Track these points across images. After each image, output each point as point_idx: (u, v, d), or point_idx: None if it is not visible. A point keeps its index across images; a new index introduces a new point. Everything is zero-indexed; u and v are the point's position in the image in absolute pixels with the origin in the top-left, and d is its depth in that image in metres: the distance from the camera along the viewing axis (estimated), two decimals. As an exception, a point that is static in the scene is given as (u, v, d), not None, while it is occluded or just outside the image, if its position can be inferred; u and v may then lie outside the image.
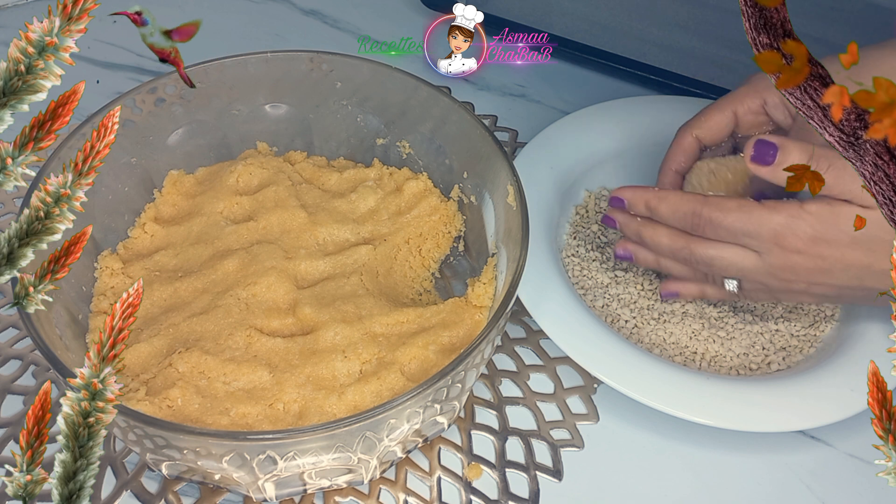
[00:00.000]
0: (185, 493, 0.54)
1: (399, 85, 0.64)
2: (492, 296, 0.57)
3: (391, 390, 0.53)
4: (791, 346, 0.62)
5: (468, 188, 0.63)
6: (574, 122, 0.72)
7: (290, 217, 0.62)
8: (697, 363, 0.61)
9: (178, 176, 0.65)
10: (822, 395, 0.57)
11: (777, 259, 0.54)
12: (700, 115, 0.62)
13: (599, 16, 0.88)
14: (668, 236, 0.58)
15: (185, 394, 0.52)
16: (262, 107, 0.66)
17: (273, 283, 0.57)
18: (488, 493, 0.55)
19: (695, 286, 0.60)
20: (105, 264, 0.59)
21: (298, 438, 0.45)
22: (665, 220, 0.58)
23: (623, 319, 0.63)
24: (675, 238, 0.58)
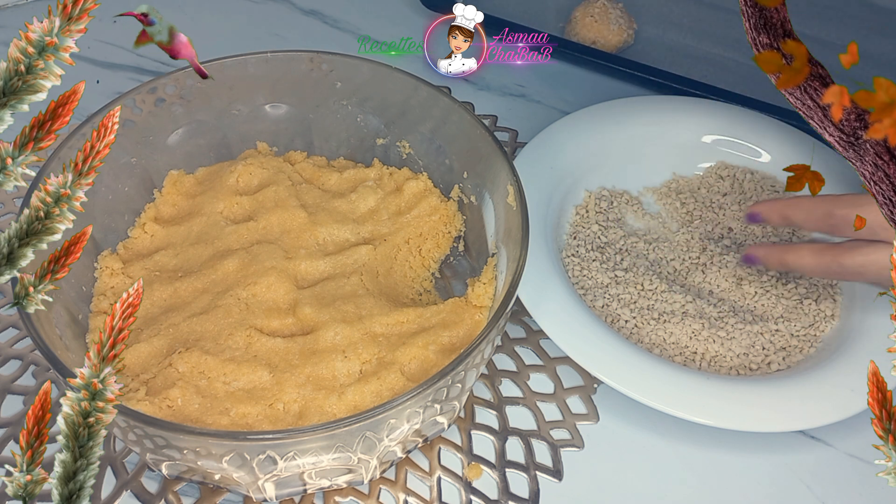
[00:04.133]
0: (185, 493, 0.54)
1: (399, 85, 0.64)
2: (492, 296, 0.57)
3: (391, 390, 0.53)
4: (791, 346, 0.62)
5: (468, 188, 0.63)
6: (574, 122, 0.72)
7: (290, 217, 0.62)
8: (697, 363, 0.61)
9: (178, 176, 0.65)
10: (822, 395, 0.57)
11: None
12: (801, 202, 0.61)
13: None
14: (812, 255, 0.58)
15: (185, 394, 0.52)
16: (262, 107, 0.66)
17: (273, 283, 0.58)
18: (488, 493, 0.55)
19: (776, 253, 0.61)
20: (105, 264, 0.59)
21: (298, 438, 0.45)
22: (802, 226, 0.60)
23: (623, 319, 0.63)
24: (821, 255, 0.58)
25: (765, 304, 0.64)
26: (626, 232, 0.68)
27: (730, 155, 0.73)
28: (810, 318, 0.64)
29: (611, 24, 0.83)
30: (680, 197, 0.71)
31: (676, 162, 0.73)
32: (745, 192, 0.71)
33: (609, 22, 0.83)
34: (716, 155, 0.73)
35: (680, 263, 0.67)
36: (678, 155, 0.73)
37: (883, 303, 0.61)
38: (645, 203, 0.71)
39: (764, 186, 0.71)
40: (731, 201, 0.70)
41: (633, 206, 0.70)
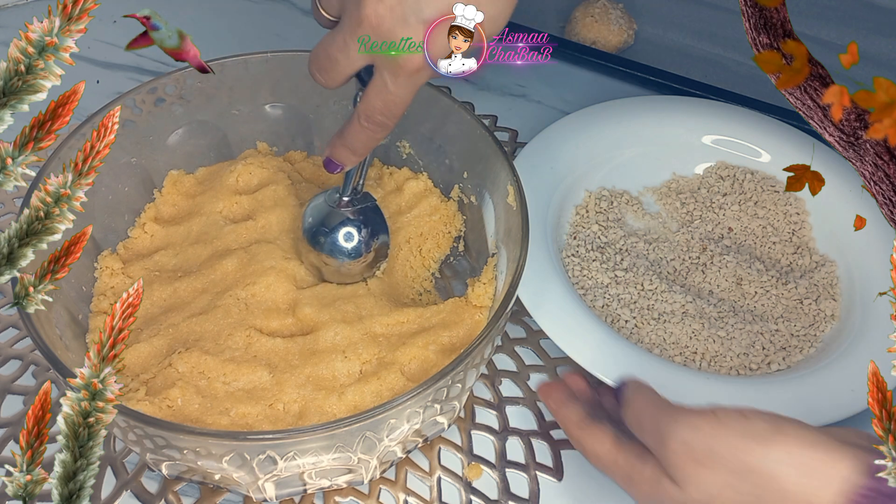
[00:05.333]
0: (185, 493, 0.54)
1: (399, 85, 0.63)
2: (492, 296, 0.57)
3: (391, 390, 0.53)
4: (791, 346, 0.62)
5: (468, 188, 0.63)
6: (574, 122, 0.72)
7: (289, 217, 0.62)
8: (697, 363, 0.61)
9: (178, 176, 0.65)
10: (822, 395, 0.57)
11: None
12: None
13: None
14: (608, 449, 0.49)
15: (185, 394, 0.52)
16: (262, 107, 0.66)
17: (273, 282, 0.57)
18: (488, 493, 0.55)
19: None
20: (105, 264, 0.59)
21: (298, 438, 0.45)
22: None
23: (623, 319, 0.63)
24: (617, 455, 0.48)
25: (765, 304, 0.64)
26: (626, 232, 0.68)
27: (730, 155, 0.73)
28: (810, 318, 0.64)
29: (611, 25, 0.83)
30: (680, 197, 0.71)
31: (676, 162, 0.73)
32: (745, 192, 0.71)
33: (609, 22, 0.83)
34: (716, 155, 0.73)
35: (680, 263, 0.67)
36: (678, 155, 0.73)
37: (883, 303, 0.61)
38: (645, 203, 0.71)
39: (764, 186, 0.71)
40: (731, 201, 0.70)
41: (633, 206, 0.70)
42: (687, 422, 0.44)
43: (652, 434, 0.45)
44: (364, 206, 0.59)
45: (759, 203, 0.70)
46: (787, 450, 0.41)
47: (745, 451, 0.42)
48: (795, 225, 0.69)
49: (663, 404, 0.46)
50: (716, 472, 0.43)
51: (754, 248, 0.68)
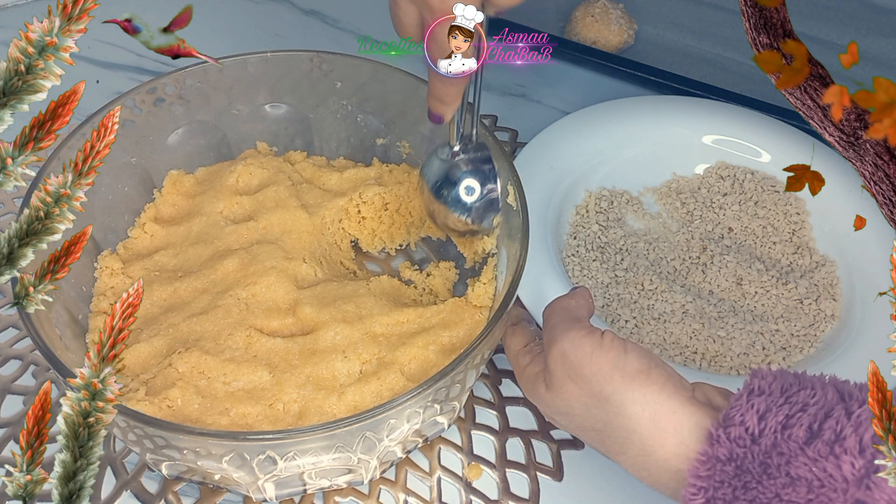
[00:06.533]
0: (185, 493, 0.54)
1: (399, 85, 0.64)
2: (492, 296, 0.57)
3: (391, 390, 0.53)
4: (791, 346, 0.62)
5: (468, 188, 0.63)
6: (574, 122, 0.72)
7: (290, 217, 0.62)
8: (697, 363, 0.61)
9: (178, 176, 0.65)
10: (822, 395, 0.57)
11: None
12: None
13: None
14: (516, 349, 0.53)
15: (185, 394, 0.52)
16: (262, 107, 0.66)
17: (273, 283, 0.57)
18: (488, 493, 0.55)
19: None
20: (105, 264, 0.59)
21: (298, 438, 0.45)
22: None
23: (623, 319, 0.63)
24: (525, 363, 0.52)
25: (765, 304, 0.64)
26: (626, 232, 0.68)
27: (730, 155, 0.73)
28: (810, 318, 0.64)
29: (611, 25, 0.83)
30: (680, 197, 0.71)
31: (676, 162, 0.73)
32: (746, 192, 0.71)
33: (609, 22, 0.83)
34: (716, 155, 0.73)
35: (680, 263, 0.67)
36: (678, 155, 0.73)
37: (883, 303, 0.61)
38: (645, 203, 0.71)
39: (764, 186, 0.71)
40: (732, 201, 0.70)
41: (633, 206, 0.70)
42: (573, 336, 0.46)
43: (547, 337, 0.48)
44: (476, 155, 0.57)
45: (759, 203, 0.70)
46: (643, 391, 0.44)
47: (606, 380, 0.45)
48: (795, 225, 0.69)
49: (570, 314, 0.49)
50: (580, 389, 0.46)
51: (754, 248, 0.68)
